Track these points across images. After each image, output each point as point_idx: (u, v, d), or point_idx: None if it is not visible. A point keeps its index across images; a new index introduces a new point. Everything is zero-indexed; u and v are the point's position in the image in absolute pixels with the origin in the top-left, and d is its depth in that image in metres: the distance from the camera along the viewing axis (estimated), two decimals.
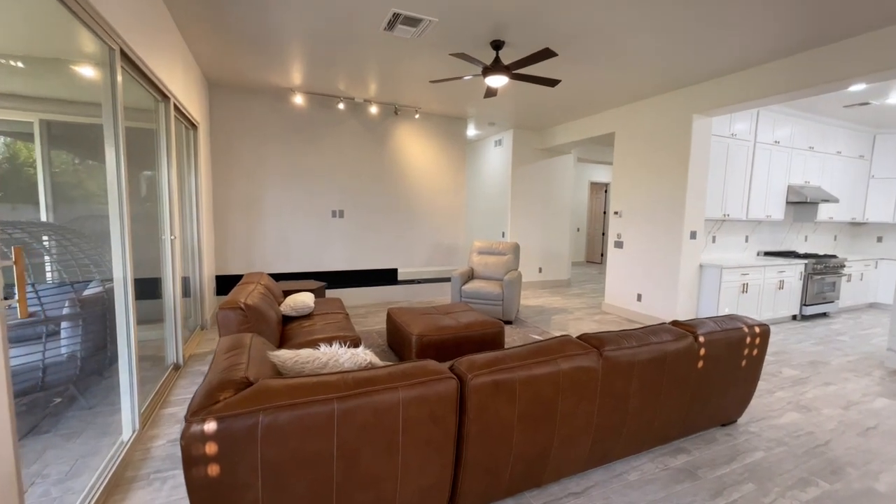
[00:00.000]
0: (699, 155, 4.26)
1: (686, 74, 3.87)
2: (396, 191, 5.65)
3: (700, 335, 2.06)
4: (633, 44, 3.22)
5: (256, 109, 4.78)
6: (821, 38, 3.06)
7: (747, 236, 5.41)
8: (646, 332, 2.00)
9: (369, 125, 5.36)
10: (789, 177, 5.22)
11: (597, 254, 10.76)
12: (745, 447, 2.22)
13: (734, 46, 3.24)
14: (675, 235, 4.39)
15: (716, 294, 4.38)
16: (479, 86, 4.36)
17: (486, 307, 4.54)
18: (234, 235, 4.83)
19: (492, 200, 7.05)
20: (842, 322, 5.08)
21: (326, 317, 3.26)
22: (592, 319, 4.89)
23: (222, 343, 1.72)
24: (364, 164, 5.40)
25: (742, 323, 2.26)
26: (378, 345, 3.77)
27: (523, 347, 1.72)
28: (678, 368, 1.99)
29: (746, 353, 2.24)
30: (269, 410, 1.19)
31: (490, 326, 3.26)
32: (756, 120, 4.82)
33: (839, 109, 4.97)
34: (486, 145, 7.19)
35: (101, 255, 2.64)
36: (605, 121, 5.26)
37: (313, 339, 2.74)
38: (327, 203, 5.25)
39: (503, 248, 5.12)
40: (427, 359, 2.12)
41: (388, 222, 5.65)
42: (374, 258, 5.63)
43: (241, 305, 2.48)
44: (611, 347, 1.79)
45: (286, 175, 5.01)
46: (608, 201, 10.48)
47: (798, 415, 2.61)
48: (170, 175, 2.95)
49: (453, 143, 5.94)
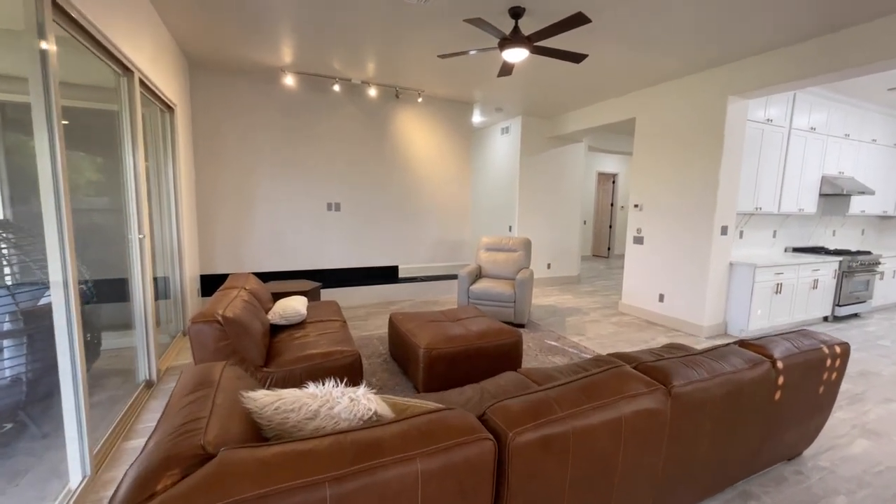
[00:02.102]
0: (733, 142, 3.85)
1: (724, 51, 3.44)
2: (397, 181, 5.22)
3: (778, 360, 1.68)
4: (669, 14, 2.79)
5: (243, 92, 4.33)
6: (876, 10, 2.64)
7: (775, 231, 5.03)
8: (714, 357, 1.62)
9: (368, 110, 4.92)
10: (823, 167, 4.83)
11: (604, 247, 10.38)
12: (823, 490, 1.85)
13: (780, 18, 2.81)
14: (705, 231, 4.00)
15: (748, 295, 4.01)
16: (491, 63, 3.92)
17: (496, 309, 4.16)
18: (221, 231, 4.41)
19: (498, 193, 6.63)
20: (876, 323, 4.74)
21: (321, 325, 2.87)
22: (610, 322, 4.53)
23: (183, 380, 1.33)
24: (362, 153, 4.97)
25: (819, 341, 1.88)
26: (379, 353, 3.39)
27: (570, 385, 1.34)
28: (753, 401, 1.61)
29: (825, 378, 1.86)
30: None
31: (506, 336, 2.87)
32: (792, 104, 4.40)
33: (880, 93, 4.56)
34: (492, 133, 6.75)
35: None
36: (624, 105, 4.83)
37: (305, 354, 2.35)
38: (322, 195, 4.83)
39: (513, 245, 4.72)
40: (442, 398, 1.73)
41: (389, 216, 5.24)
42: (373, 255, 5.23)
43: (219, 318, 2.08)
44: (680, 382, 1.41)
45: (277, 164, 4.57)
46: (616, 192, 10.08)
47: (868, 442, 2.25)
48: (136, 163, 2.53)
49: (458, 130, 5.51)
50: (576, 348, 3.63)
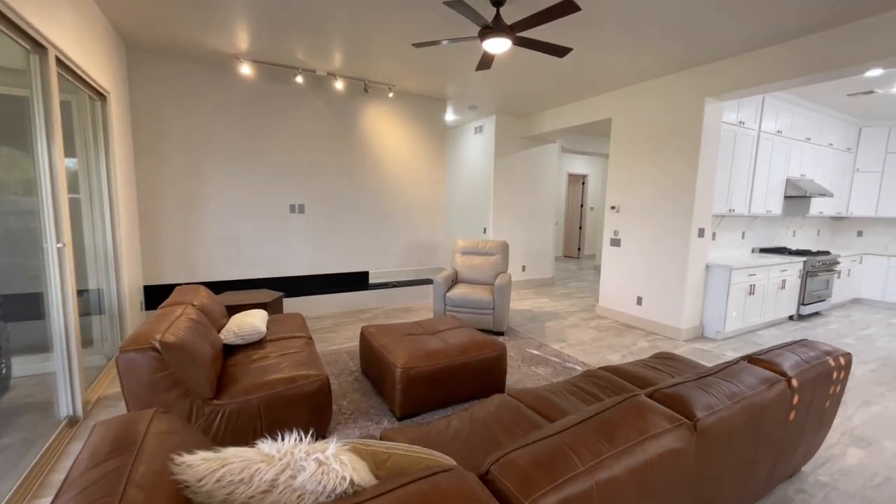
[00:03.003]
0: (709, 144, 3.83)
1: (701, 52, 3.40)
2: (367, 181, 4.91)
3: (793, 378, 1.55)
4: (650, 10, 2.67)
5: (192, 80, 3.89)
6: (854, 12, 2.64)
7: (744, 232, 5.13)
8: (726, 378, 1.46)
9: (334, 104, 4.58)
10: (788, 169, 4.96)
11: (574, 248, 10.45)
12: None
13: (758, 20, 2.77)
14: (682, 233, 3.97)
15: (724, 297, 4.01)
16: (468, 55, 3.70)
17: (475, 317, 3.95)
18: (168, 236, 3.94)
19: (471, 194, 6.44)
20: (836, 321, 4.91)
21: (283, 344, 2.54)
22: (589, 326, 4.43)
23: (92, 444, 1.01)
24: (328, 151, 4.62)
25: (823, 353, 1.78)
26: (349, 371, 3.08)
27: (584, 425, 1.13)
28: (771, 426, 1.47)
29: (832, 392, 1.77)
30: None
31: (489, 349, 2.66)
32: (761, 107, 4.47)
33: (840, 98, 4.73)
34: (466, 133, 6.55)
35: None
36: (600, 105, 4.76)
37: (265, 381, 2.03)
38: (284, 195, 4.45)
39: (490, 248, 4.53)
40: (428, 434, 1.49)
41: (358, 218, 4.92)
42: (341, 260, 4.88)
43: (155, 345, 1.74)
44: (705, 413, 1.23)
45: (233, 161, 4.15)
46: (586, 194, 10.17)
47: (860, 451, 2.20)
48: (52, 159, 2.12)
49: (432, 128, 5.26)
50: (558, 357, 3.47)
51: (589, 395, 1.94)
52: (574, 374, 3.10)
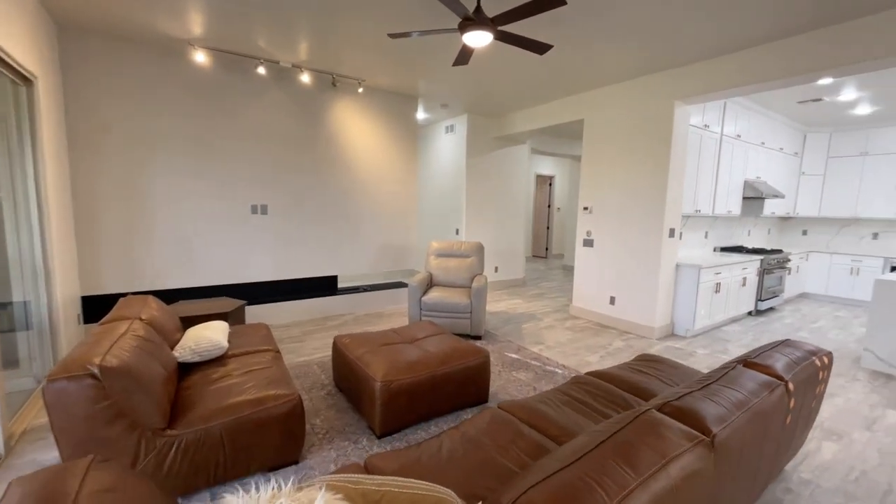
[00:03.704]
0: (679, 146, 3.92)
1: (672, 55, 3.45)
2: (335, 181, 4.66)
3: (788, 381, 1.53)
4: (629, 13, 2.66)
5: (138, 67, 3.51)
6: (812, 23, 2.76)
7: (707, 232, 5.33)
8: (727, 384, 1.41)
9: (300, 98, 4.31)
10: (746, 172, 5.20)
11: (542, 248, 10.59)
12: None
13: (729, 23, 2.83)
14: (654, 233, 4.04)
15: (693, 295, 4.12)
16: (443, 50, 3.57)
17: (451, 321, 3.82)
18: (109, 240, 3.54)
19: (444, 194, 6.31)
20: (790, 315, 5.20)
21: (247, 359, 2.30)
22: (565, 327, 4.42)
23: None
24: (293, 148, 4.34)
25: (808, 352, 1.79)
26: (321, 384, 2.87)
27: (601, 449, 1.02)
28: (772, 431, 1.44)
29: (818, 392, 1.78)
30: None
31: (472, 356, 2.54)
32: (723, 112, 4.65)
33: (791, 105, 5.00)
34: (436, 132, 6.42)
35: None
36: (573, 106, 4.77)
37: (228, 404, 1.80)
38: (245, 196, 4.12)
39: (466, 250, 4.43)
40: (419, 460, 1.35)
41: (326, 219, 4.66)
42: (308, 264, 4.61)
43: (93, 371, 1.48)
44: (719, 426, 1.16)
45: (187, 158, 3.79)
46: (553, 194, 10.32)
47: (834, 445, 2.27)
48: None
49: (403, 126, 5.09)
50: (538, 360, 3.41)
51: (583, 404, 1.86)
52: (555, 378, 3.06)
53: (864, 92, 4.38)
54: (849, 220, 6.24)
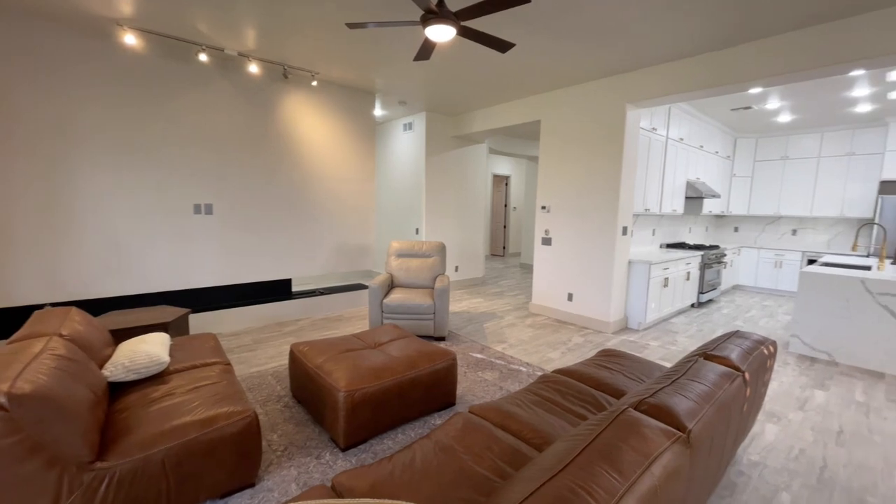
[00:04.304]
0: (630, 148, 4.09)
1: (625, 59, 3.59)
2: (288, 178, 4.40)
3: (745, 371, 1.61)
4: (591, 15, 2.72)
5: (58, 49, 3.09)
6: (746, 35, 2.98)
7: (654, 230, 5.63)
8: (693, 378, 1.46)
9: (248, 90, 4.01)
10: (687, 173, 5.55)
11: (500, 247, 10.75)
12: (768, 490, 1.89)
13: (677, 34, 2.99)
14: (608, 231, 4.19)
15: (644, 290, 4.32)
16: (401, 44, 3.47)
17: (414, 323, 3.74)
18: (21, 244, 3.09)
19: (403, 193, 6.19)
20: (726, 306, 5.63)
21: (193, 374, 2.08)
22: (526, 325, 4.48)
23: None
24: (242, 143, 4.04)
25: (758, 343, 1.91)
26: (278, 396, 2.68)
27: (585, 455, 1.00)
28: (734, 419, 1.50)
29: (766, 378, 1.90)
30: None
31: (439, 359, 2.48)
32: (668, 116, 4.92)
33: (725, 112, 5.41)
34: (394, 129, 6.28)
35: None
36: (530, 107, 4.84)
37: (171, 427, 1.61)
38: (187, 195, 3.78)
39: (427, 250, 4.36)
40: (391, 474, 1.27)
41: (278, 219, 4.39)
42: (259, 266, 4.32)
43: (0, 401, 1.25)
44: (692, 421, 1.18)
45: (116, 153, 3.40)
46: (509, 194, 10.50)
47: (775, 427, 2.45)
48: None
49: (360, 122, 4.91)
50: (502, 359, 3.42)
51: (554, 404, 1.86)
52: (520, 376, 3.07)
53: (786, 101, 4.82)
54: (772, 217, 6.87)
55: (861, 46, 2.70)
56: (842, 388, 3.01)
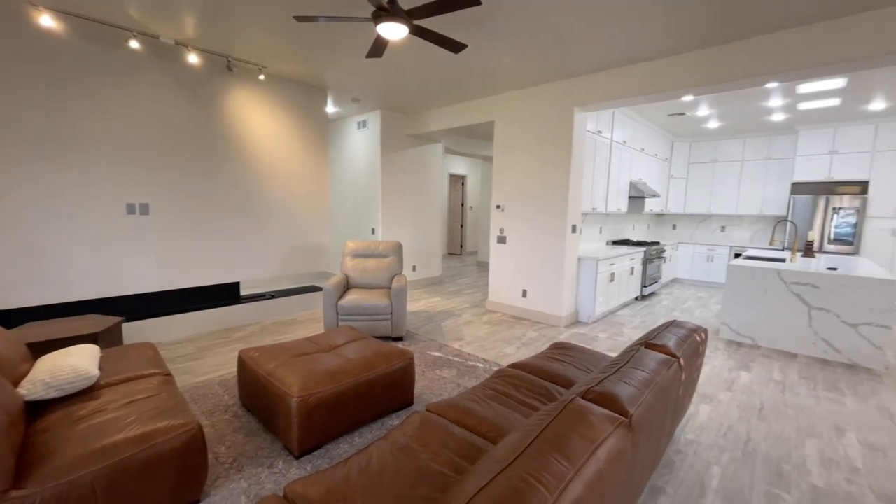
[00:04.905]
0: (578, 150, 4.29)
1: (573, 65, 3.75)
2: (235, 176, 4.18)
3: (680, 357, 1.75)
4: (541, 21, 2.82)
5: None
6: (698, 42, 3.23)
7: (601, 227, 5.93)
8: (635, 365, 1.56)
9: (188, 82, 3.75)
10: (630, 174, 5.90)
11: (457, 246, 10.85)
12: (702, 465, 2.06)
13: (619, 42, 3.18)
14: (559, 230, 4.36)
15: (592, 285, 4.55)
16: (355, 40, 3.40)
17: (371, 324, 3.69)
18: None
19: (358, 192, 6.08)
20: (666, 298, 6.05)
21: (127, 387, 1.93)
22: (482, 322, 4.56)
23: None
24: (181, 138, 3.78)
25: (691, 331, 2.08)
26: (225, 406, 2.54)
27: (536, 445, 1.04)
28: (671, 402, 1.63)
29: (699, 363, 2.07)
30: None
31: (396, 359, 2.47)
32: (613, 120, 5.20)
33: (662, 117, 5.80)
34: (348, 126, 6.15)
35: None
36: (484, 108, 4.93)
37: (101, 446, 1.48)
38: (119, 194, 3.47)
39: (384, 249, 4.31)
40: (347, 478, 1.25)
41: (224, 219, 4.15)
42: (203, 270, 4.06)
43: None
44: (633, 406, 1.27)
45: (34, 147, 3.05)
46: (465, 194, 10.63)
47: (707, 407, 2.67)
48: None
49: (312, 119, 4.75)
50: (460, 356, 3.46)
51: (508, 397, 1.91)
52: (477, 372, 3.12)
53: (714, 109, 5.26)
54: (705, 215, 7.48)
55: (773, 62, 3.00)
56: (763, 368, 3.34)
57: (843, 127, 5.69)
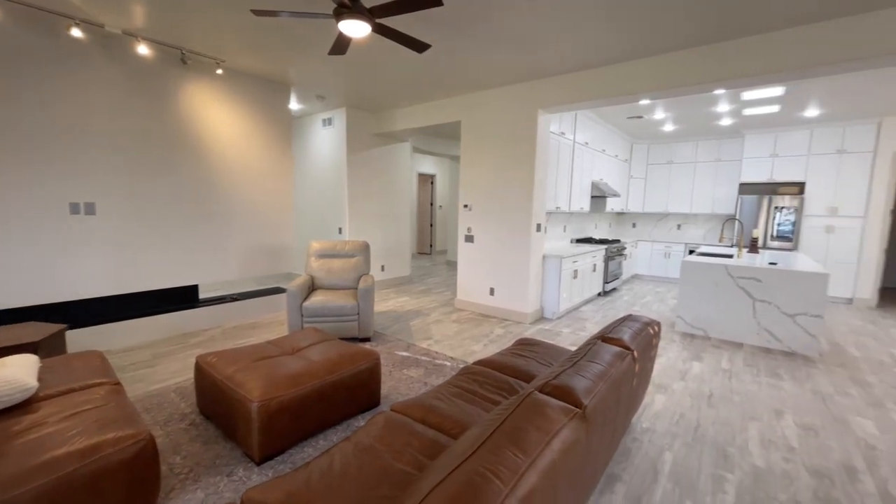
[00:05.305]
0: (542, 150, 4.39)
1: (537, 67, 3.84)
2: (191, 174, 4.00)
3: (634, 349, 1.84)
4: (503, 22, 2.87)
5: None
6: (639, 51, 3.39)
7: (565, 226, 6.11)
8: (591, 359, 1.63)
9: (138, 75, 3.55)
10: (592, 174, 6.10)
11: (427, 245, 10.85)
12: (655, 451, 2.17)
13: (582, 46, 3.29)
14: (524, 228, 4.46)
15: (557, 282, 4.68)
16: (318, 36, 3.34)
17: (337, 325, 3.64)
18: None
19: (324, 192, 5.96)
20: (626, 294, 6.31)
21: (70, 398, 1.82)
22: (451, 320, 4.59)
23: None
24: (132, 133, 3.57)
25: (645, 324, 2.18)
26: (182, 414, 2.44)
27: (494, 439, 1.06)
28: (625, 393, 1.71)
29: (652, 355, 2.18)
30: None
31: (362, 360, 2.45)
32: (575, 122, 5.36)
33: (622, 120, 6.04)
34: (313, 124, 6.01)
35: None
36: (451, 108, 4.96)
37: (40, 462, 1.39)
38: (60, 192, 3.24)
39: (350, 249, 4.26)
40: (308, 481, 1.25)
41: (180, 219, 3.96)
42: (158, 273, 3.86)
43: None
44: (588, 398, 1.32)
45: None
46: (435, 193, 10.65)
47: (662, 396, 2.82)
48: None
49: (274, 116, 4.62)
50: (427, 355, 3.48)
51: (473, 394, 1.95)
52: (444, 370, 3.15)
53: (669, 113, 5.53)
54: (662, 214, 7.84)
55: (721, 68, 3.20)
56: (713, 358, 3.56)
57: (783, 132, 6.12)
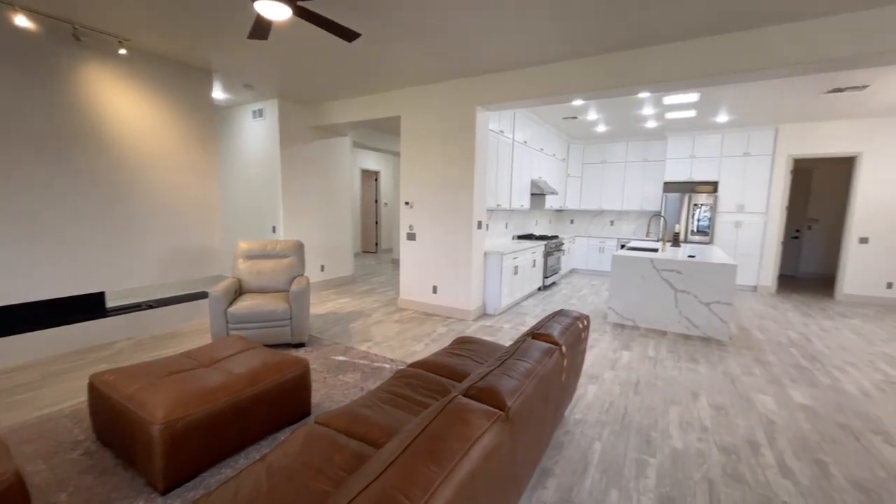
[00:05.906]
0: (482, 148, 4.41)
1: (474, 63, 3.83)
2: (93, 167, 3.52)
3: (562, 344, 1.86)
4: (447, 16, 2.81)
5: None
6: (578, 52, 3.50)
7: (507, 223, 6.22)
8: (520, 357, 1.62)
9: (19, 50, 3.05)
10: (531, 173, 6.26)
11: (372, 244, 10.59)
12: (585, 442, 2.23)
13: (517, 45, 3.32)
14: (465, 226, 4.46)
15: (498, 278, 4.74)
16: (236, 15, 3.06)
17: (268, 331, 3.39)
18: None
19: (256, 188, 5.56)
20: (565, 288, 6.57)
21: None
22: (393, 320, 4.49)
23: None
24: (13, 119, 3.06)
25: (575, 318, 2.23)
26: (75, 442, 2.12)
27: (412, 449, 1.00)
28: (553, 389, 1.72)
29: (582, 348, 2.24)
30: None
31: (288, 368, 2.29)
32: (514, 120, 5.45)
33: (558, 120, 6.25)
34: (242, 115, 5.59)
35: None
36: (390, 102, 4.82)
37: None
38: None
39: (282, 249, 4.00)
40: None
41: (80, 218, 3.48)
42: (51, 279, 3.37)
43: None
44: (512, 399, 1.30)
45: None
46: (379, 190, 10.41)
47: (594, 387, 2.93)
48: None
49: (195, 105, 4.20)
50: (366, 358, 3.35)
51: (404, 399, 1.87)
52: (383, 373, 3.05)
53: (600, 115, 5.81)
54: (597, 211, 8.26)
55: (644, 73, 3.37)
56: (640, 347, 3.77)
57: (700, 135, 6.68)
